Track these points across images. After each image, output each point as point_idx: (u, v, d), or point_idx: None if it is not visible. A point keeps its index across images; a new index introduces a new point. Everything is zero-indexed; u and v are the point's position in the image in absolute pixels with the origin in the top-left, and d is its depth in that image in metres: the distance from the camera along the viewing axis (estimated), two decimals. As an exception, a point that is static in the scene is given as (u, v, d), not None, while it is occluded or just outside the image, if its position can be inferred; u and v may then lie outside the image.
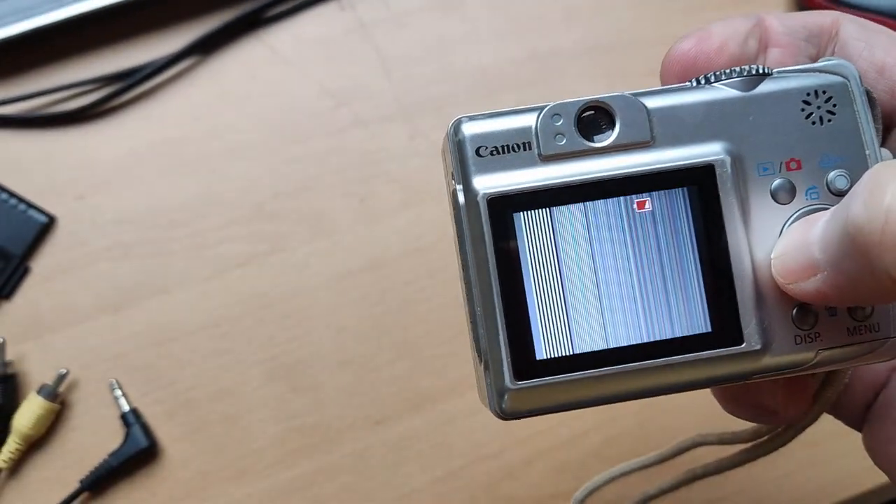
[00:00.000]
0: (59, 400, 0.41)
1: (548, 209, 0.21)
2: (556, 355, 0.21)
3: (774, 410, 0.23)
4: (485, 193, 0.21)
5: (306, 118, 0.45)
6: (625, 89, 0.48)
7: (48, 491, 0.41)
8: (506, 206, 0.21)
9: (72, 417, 0.42)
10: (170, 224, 0.44)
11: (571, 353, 0.21)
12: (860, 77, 0.22)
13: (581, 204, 0.21)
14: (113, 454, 0.41)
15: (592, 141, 0.21)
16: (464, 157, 0.21)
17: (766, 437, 0.26)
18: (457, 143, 0.21)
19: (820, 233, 0.19)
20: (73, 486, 0.41)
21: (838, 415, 0.25)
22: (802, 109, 0.21)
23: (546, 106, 0.21)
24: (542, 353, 0.21)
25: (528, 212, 0.21)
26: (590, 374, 0.21)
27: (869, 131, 0.21)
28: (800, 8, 0.47)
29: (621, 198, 0.21)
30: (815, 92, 0.21)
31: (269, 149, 0.45)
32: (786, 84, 0.21)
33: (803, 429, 0.25)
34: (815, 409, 0.25)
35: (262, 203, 0.44)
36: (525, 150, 0.21)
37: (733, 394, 0.24)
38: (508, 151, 0.21)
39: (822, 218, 0.20)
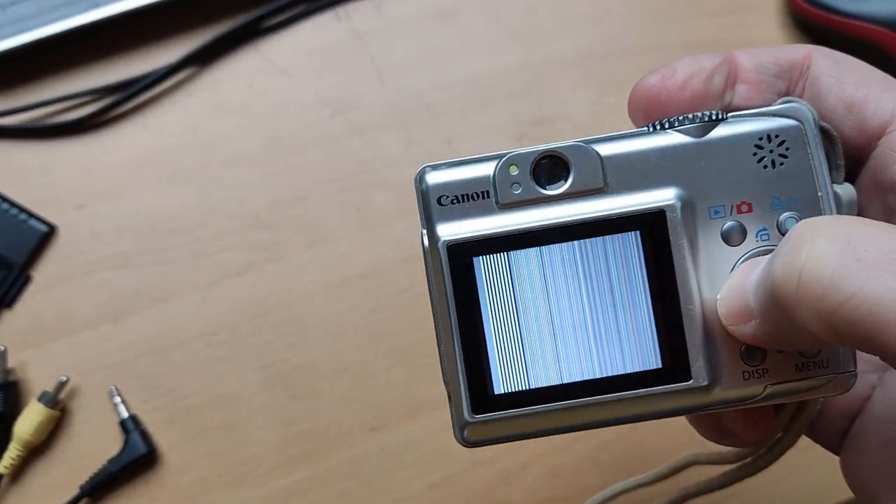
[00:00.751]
0: (59, 407, 0.42)
1: (504, 254, 0.22)
2: (513, 390, 0.22)
3: (735, 434, 0.24)
4: (445, 240, 0.22)
5: (303, 128, 0.45)
6: (617, 97, 0.48)
7: (49, 497, 0.41)
8: (464, 252, 0.22)
9: (72, 424, 0.42)
10: (168, 233, 0.44)
11: (527, 388, 0.22)
12: (818, 117, 0.22)
13: (536, 248, 0.22)
14: (112, 460, 0.41)
15: (547, 189, 0.22)
16: (427, 205, 0.22)
17: (748, 460, 0.27)
18: (421, 192, 0.22)
19: (754, 281, 0.20)
20: (74, 491, 0.41)
21: (816, 440, 0.26)
22: (754, 154, 0.22)
23: (505, 155, 0.22)
24: (499, 388, 0.22)
25: (486, 256, 0.22)
26: (544, 408, 0.22)
27: (822, 173, 0.22)
28: (789, 13, 0.47)
29: (575, 242, 0.22)
30: (768, 136, 0.22)
31: (266, 158, 0.45)
32: (738, 129, 0.22)
33: (781, 454, 0.26)
34: (789, 437, 0.25)
35: (260, 212, 0.44)
36: (484, 198, 0.22)
37: (700, 417, 0.25)
38: (468, 200, 0.22)
39: (759, 265, 0.20)
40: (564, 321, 0.22)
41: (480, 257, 0.22)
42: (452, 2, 0.47)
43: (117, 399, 0.42)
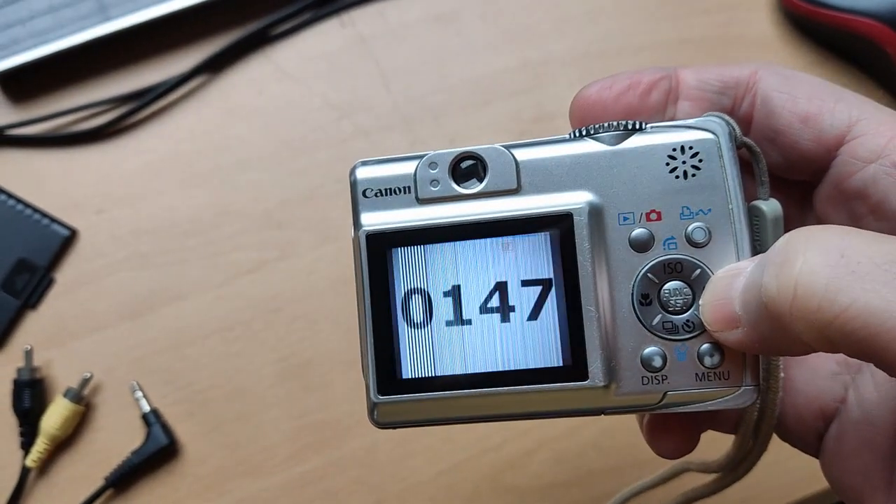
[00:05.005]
0: (83, 402, 0.44)
1: (416, 247, 0.23)
2: (418, 376, 0.23)
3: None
4: (365, 230, 0.24)
5: (311, 130, 0.47)
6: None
7: (75, 488, 0.43)
8: (381, 242, 0.23)
9: (96, 418, 0.44)
10: (184, 234, 0.46)
11: (432, 375, 0.23)
12: (739, 132, 0.23)
13: (447, 243, 0.23)
14: (135, 452, 0.43)
15: (463, 187, 0.24)
16: (355, 196, 0.24)
17: (728, 469, 0.28)
18: (351, 184, 0.24)
19: (740, 290, 0.20)
20: (99, 483, 0.43)
21: (791, 443, 0.26)
22: (667, 164, 0.23)
23: (426, 155, 0.24)
24: (406, 373, 0.23)
25: (400, 248, 0.23)
26: (447, 395, 0.23)
27: (734, 186, 0.22)
28: (780, 9, 0.48)
29: (486, 239, 0.23)
30: (682, 148, 0.22)
31: (277, 160, 0.47)
32: (653, 139, 0.23)
33: (755, 461, 0.27)
34: (759, 444, 0.26)
35: (271, 212, 0.46)
36: (405, 193, 0.24)
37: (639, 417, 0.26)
38: (390, 194, 0.24)
39: (742, 274, 0.20)
40: (473, 314, 0.23)
41: (394, 249, 0.23)
42: (453, 6, 0.49)
43: (139, 393, 0.44)
